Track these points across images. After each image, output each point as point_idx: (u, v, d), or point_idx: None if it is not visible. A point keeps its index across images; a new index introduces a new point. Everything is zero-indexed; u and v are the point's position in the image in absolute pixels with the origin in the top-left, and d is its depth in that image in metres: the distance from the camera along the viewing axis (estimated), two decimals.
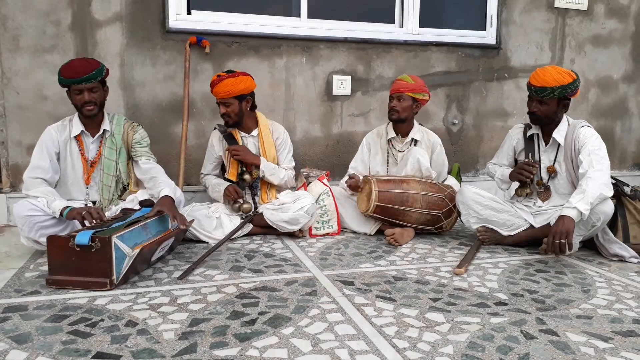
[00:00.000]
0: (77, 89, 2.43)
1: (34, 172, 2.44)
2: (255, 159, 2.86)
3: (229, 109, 2.82)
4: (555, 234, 2.25)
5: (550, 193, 2.69)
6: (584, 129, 2.56)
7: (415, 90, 2.91)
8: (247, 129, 2.96)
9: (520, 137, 2.80)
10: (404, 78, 2.96)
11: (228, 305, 1.84)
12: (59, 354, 1.46)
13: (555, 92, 2.49)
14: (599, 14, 4.16)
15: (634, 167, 4.50)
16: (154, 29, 3.26)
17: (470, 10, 3.96)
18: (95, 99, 2.46)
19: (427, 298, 1.95)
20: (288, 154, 3.05)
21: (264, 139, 2.94)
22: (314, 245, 2.72)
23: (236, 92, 2.79)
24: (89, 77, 2.42)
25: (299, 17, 3.57)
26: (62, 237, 1.98)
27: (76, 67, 2.43)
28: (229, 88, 2.77)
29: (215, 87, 2.80)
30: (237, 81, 2.79)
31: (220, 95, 2.79)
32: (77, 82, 2.41)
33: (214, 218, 2.76)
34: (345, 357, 1.47)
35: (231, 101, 2.81)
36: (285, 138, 3.04)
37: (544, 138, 2.70)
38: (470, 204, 2.71)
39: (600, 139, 2.53)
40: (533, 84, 2.56)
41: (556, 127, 2.62)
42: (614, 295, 2.02)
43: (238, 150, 2.84)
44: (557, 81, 2.49)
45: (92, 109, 2.46)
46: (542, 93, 2.52)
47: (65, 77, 2.42)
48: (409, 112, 2.94)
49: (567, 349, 1.55)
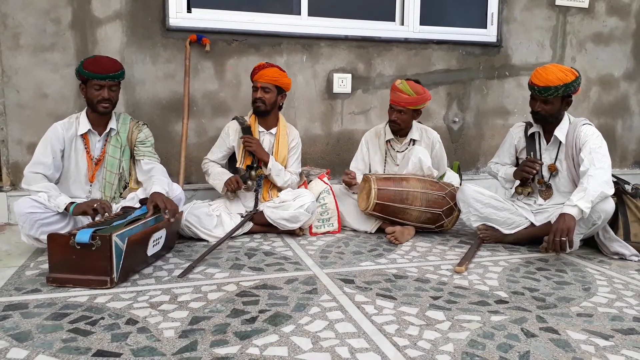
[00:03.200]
0: (98, 84, 2.45)
1: (36, 167, 2.44)
2: (265, 156, 2.86)
3: (267, 95, 2.85)
4: (556, 232, 2.24)
5: (551, 191, 2.69)
6: (585, 127, 2.55)
7: (416, 104, 2.85)
8: (268, 125, 2.97)
9: (522, 136, 2.79)
10: (405, 90, 2.82)
11: (228, 304, 1.84)
12: (59, 352, 1.46)
13: (559, 91, 2.48)
14: (600, 11, 4.15)
15: (635, 166, 4.49)
16: (154, 27, 3.26)
17: (471, 8, 3.96)
18: (113, 97, 2.51)
19: (428, 296, 1.95)
20: (297, 159, 3.06)
21: (281, 138, 2.96)
22: (314, 244, 2.72)
23: (280, 82, 2.87)
24: (114, 75, 2.47)
25: (299, 15, 3.57)
26: (63, 235, 1.98)
27: (104, 63, 2.47)
28: (277, 75, 2.85)
29: (263, 69, 2.84)
30: (284, 74, 2.91)
31: (265, 78, 2.83)
32: (102, 77, 2.44)
33: (215, 216, 2.76)
34: (345, 355, 1.47)
35: (272, 88, 2.86)
36: (298, 143, 3.06)
37: (545, 136, 2.70)
38: (470, 202, 2.71)
39: (602, 137, 2.53)
40: (536, 83, 2.53)
41: (558, 125, 2.62)
42: (615, 294, 2.02)
43: (251, 142, 2.84)
44: (561, 80, 2.47)
45: (107, 107, 2.49)
46: (546, 92, 2.49)
47: (89, 71, 2.44)
48: (410, 121, 2.96)
49: (567, 347, 1.55)
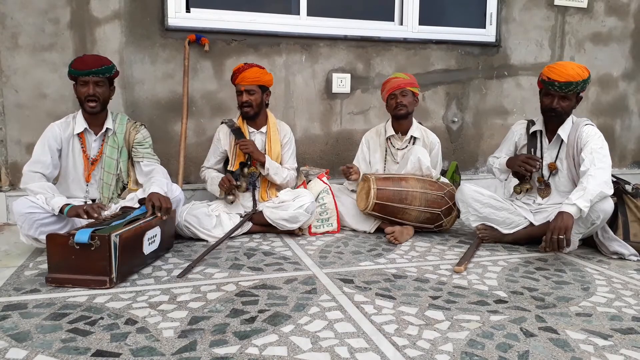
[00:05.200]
0: (82, 80, 2.46)
1: (34, 166, 2.44)
2: (261, 156, 2.86)
3: (252, 97, 2.83)
4: (554, 230, 2.25)
5: (550, 190, 2.69)
6: (587, 127, 2.56)
7: (413, 85, 2.97)
8: (258, 125, 2.96)
9: (523, 133, 2.80)
10: (399, 75, 3.00)
11: (228, 304, 1.84)
12: (58, 352, 1.46)
13: (579, 87, 2.50)
14: (598, 11, 4.16)
15: (634, 165, 4.50)
16: (153, 27, 3.25)
17: (469, 8, 3.96)
18: (99, 94, 2.48)
19: (427, 296, 1.95)
20: (292, 155, 3.05)
21: (272, 136, 2.95)
22: (313, 244, 2.72)
23: (263, 81, 2.84)
24: (97, 70, 2.45)
25: (298, 15, 3.57)
26: (62, 236, 1.98)
27: (86, 60, 2.48)
28: (258, 75, 2.81)
29: (243, 72, 2.81)
30: (265, 71, 2.87)
31: (247, 80, 2.80)
32: (85, 74, 2.44)
33: (214, 216, 2.76)
34: (345, 354, 1.47)
35: (256, 89, 2.83)
36: (290, 138, 3.05)
37: (547, 135, 2.70)
38: (469, 202, 2.71)
39: (603, 138, 2.53)
40: (557, 79, 2.49)
41: (561, 124, 2.63)
42: (614, 293, 2.02)
43: (247, 144, 2.83)
44: (580, 75, 2.48)
45: (94, 106, 2.48)
46: (568, 88, 2.48)
47: (74, 69, 2.46)
48: (413, 106, 2.99)
49: (566, 346, 1.55)
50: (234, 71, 2.87)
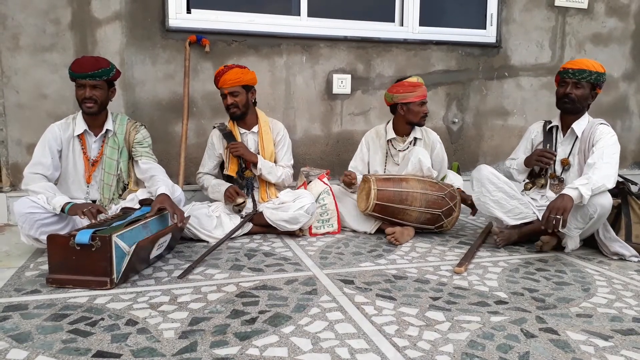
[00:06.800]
0: (80, 83, 2.46)
1: (35, 167, 2.45)
2: (253, 157, 2.86)
3: (237, 98, 2.82)
4: (552, 209, 2.28)
5: (563, 186, 2.69)
6: (602, 126, 2.62)
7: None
8: (248, 125, 2.96)
9: (540, 131, 2.85)
10: (421, 81, 3.01)
11: (228, 304, 1.84)
12: (59, 353, 1.46)
13: (592, 77, 2.58)
14: (599, 12, 4.16)
15: (634, 166, 4.50)
16: (153, 28, 3.26)
17: (470, 8, 3.96)
18: (97, 97, 2.47)
19: (427, 297, 1.95)
20: (287, 152, 3.04)
21: (264, 135, 2.94)
22: (314, 244, 2.72)
23: (245, 81, 2.82)
24: (94, 74, 2.44)
25: (298, 16, 3.57)
26: (63, 236, 1.98)
27: (84, 62, 2.47)
28: (239, 76, 2.79)
29: (224, 75, 2.80)
30: (246, 71, 2.84)
31: (229, 83, 2.79)
32: (82, 77, 2.44)
33: (214, 217, 2.76)
34: (345, 355, 1.47)
35: (239, 90, 2.82)
36: (284, 135, 3.04)
37: (562, 130, 2.75)
38: (484, 182, 2.66)
39: (616, 139, 2.58)
40: (570, 67, 2.63)
41: (577, 120, 2.67)
42: (614, 294, 2.02)
43: (237, 147, 2.83)
44: (594, 67, 2.60)
45: (91, 107, 2.47)
46: (581, 75, 2.58)
47: (72, 71, 2.47)
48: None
49: (567, 347, 1.55)
50: (215, 75, 2.86)
